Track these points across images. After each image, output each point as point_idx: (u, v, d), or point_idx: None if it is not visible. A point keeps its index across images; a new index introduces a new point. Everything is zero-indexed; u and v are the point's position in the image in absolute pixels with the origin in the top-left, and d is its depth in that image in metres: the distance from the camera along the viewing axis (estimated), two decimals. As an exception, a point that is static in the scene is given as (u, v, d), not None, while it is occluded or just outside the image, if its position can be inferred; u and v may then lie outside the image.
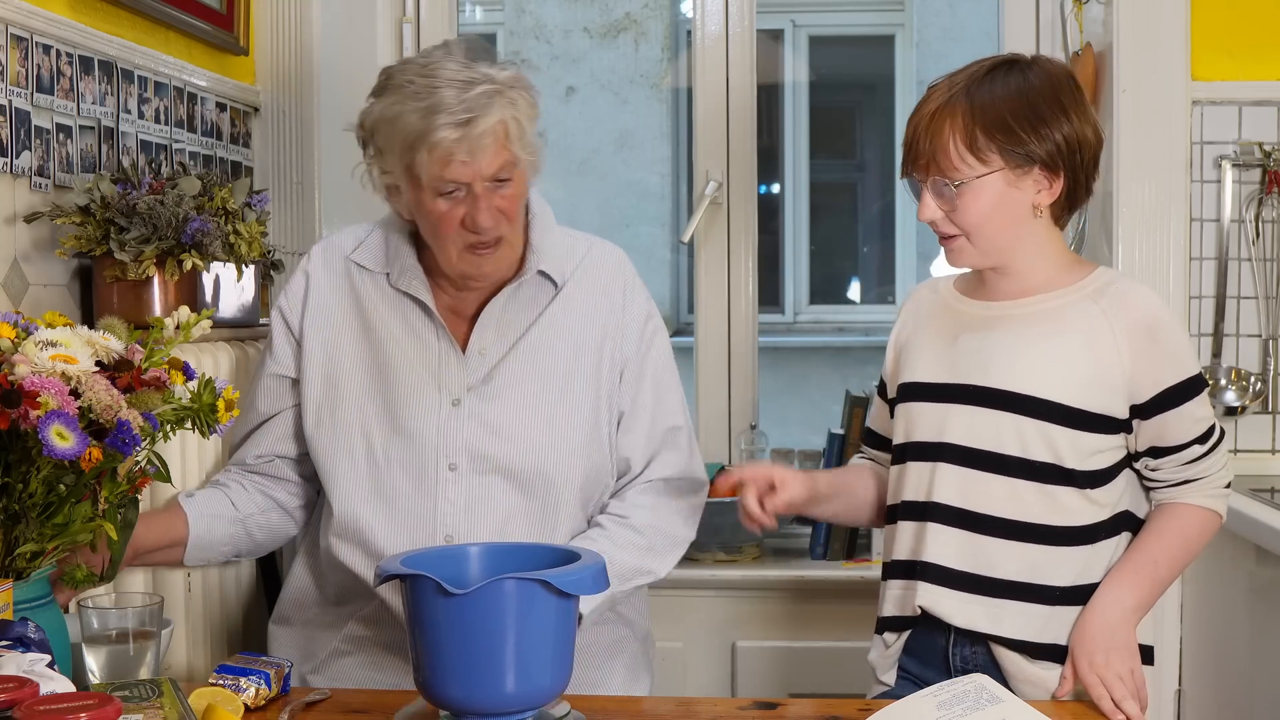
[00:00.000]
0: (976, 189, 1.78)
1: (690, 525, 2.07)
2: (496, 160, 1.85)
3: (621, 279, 2.08)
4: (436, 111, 1.81)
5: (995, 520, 1.81)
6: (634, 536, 1.99)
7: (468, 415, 1.97)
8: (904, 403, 1.91)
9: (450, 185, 1.85)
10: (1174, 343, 1.82)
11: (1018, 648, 1.81)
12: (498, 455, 1.96)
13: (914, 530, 1.87)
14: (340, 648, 2.02)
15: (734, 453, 3.17)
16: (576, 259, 2.06)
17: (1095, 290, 1.83)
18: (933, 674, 1.85)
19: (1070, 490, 1.80)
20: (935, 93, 1.82)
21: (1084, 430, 1.79)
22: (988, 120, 1.77)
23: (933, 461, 1.84)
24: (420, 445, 1.96)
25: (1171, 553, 1.82)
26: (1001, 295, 1.87)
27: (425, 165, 1.83)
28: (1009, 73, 1.81)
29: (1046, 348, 1.81)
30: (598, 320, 2.03)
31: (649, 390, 2.05)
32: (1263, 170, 2.76)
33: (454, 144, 1.81)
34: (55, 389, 1.48)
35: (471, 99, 1.81)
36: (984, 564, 1.81)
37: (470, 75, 1.83)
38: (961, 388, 1.84)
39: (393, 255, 2.02)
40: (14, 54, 2.05)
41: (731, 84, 3.15)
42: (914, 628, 1.88)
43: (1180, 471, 1.83)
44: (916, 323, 1.96)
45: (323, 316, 2.03)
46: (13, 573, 1.53)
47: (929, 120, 1.79)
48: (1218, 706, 2.61)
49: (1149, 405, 1.80)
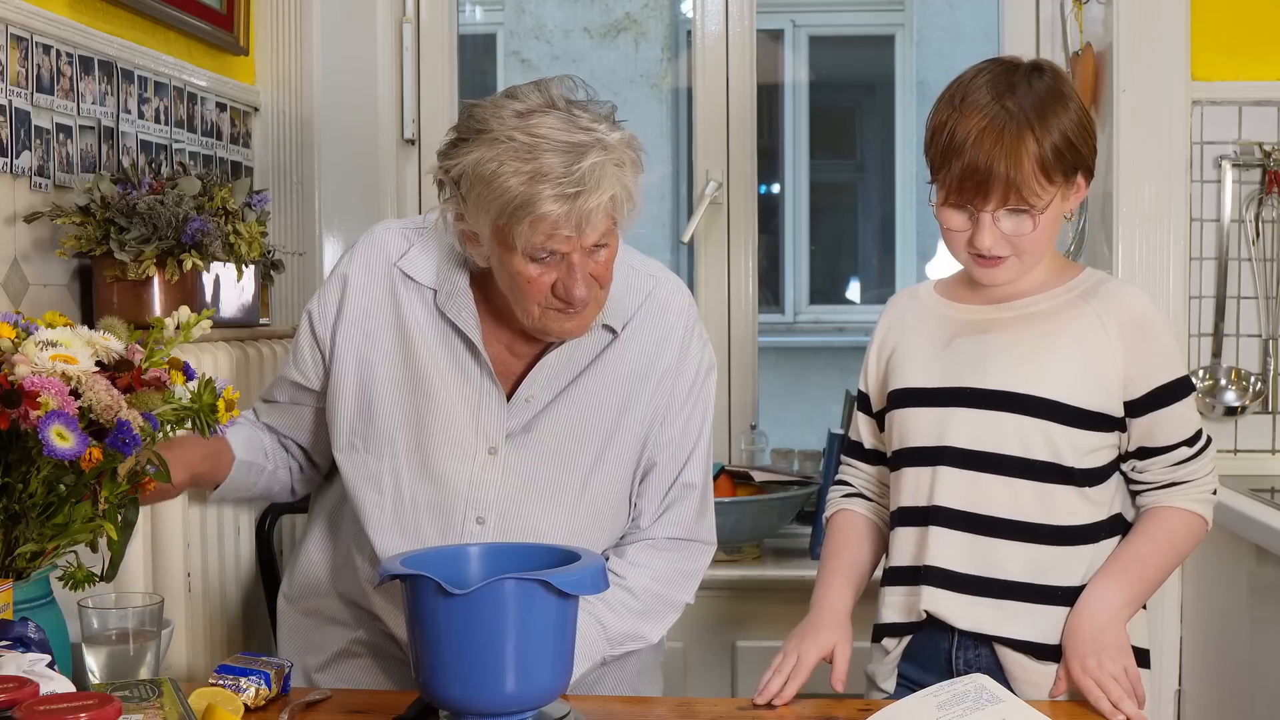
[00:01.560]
0: (1051, 211, 1.78)
1: (689, 590, 1.99)
2: (601, 230, 1.73)
3: (683, 327, 1.95)
4: (542, 180, 1.66)
5: (999, 521, 1.81)
6: (629, 600, 1.91)
7: (503, 467, 1.87)
8: (897, 409, 1.89)
9: (546, 253, 1.72)
10: (1164, 342, 1.83)
11: (1023, 648, 1.80)
12: (528, 516, 1.88)
13: (916, 535, 1.86)
14: (351, 649, 2.01)
15: (734, 453, 3.17)
16: (638, 301, 1.93)
17: (1086, 291, 1.84)
18: (933, 679, 1.83)
19: (1068, 489, 1.80)
20: (986, 117, 1.74)
21: (1082, 428, 1.80)
22: (1055, 143, 1.74)
23: (932, 465, 1.84)
24: (450, 493, 1.87)
25: (1159, 553, 1.82)
26: (994, 299, 1.87)
27: (524, 234, 1.69)
28: (1037, 79, 1.78)
29: (1043, 348, 1.81)
30: (654, 372, 1.93)
31: (679, 445, 1.96)
32: (1263, 170, 2.76)
33: (560, 218, 1.67)
34: (55, 389, 1.48)
35: (585, 170, 1.66)
36: (988, 565, 1.81)
37: (577, 138, 1.68)
38: (959, 391, 1.83)
39: (444, 274, 1.88)
40: (14, 54, 2.05)
41: (731, 84, 3.16)
42: (915, 633, 1.87)
43: (1168, 473, 1.83)
44: (902, 331, 1.94)
45: (359, 327, 1.89)
46: (13, 573, 1.53)
47: (999, 150, 1.73)
48: (1218, 706, 2.61)
49: (1141, 402, 1.81)
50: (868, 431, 1.99)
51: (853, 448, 2.02)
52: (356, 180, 3.08)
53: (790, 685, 1.79)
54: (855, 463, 2.02)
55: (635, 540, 1.98)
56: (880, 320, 1.99)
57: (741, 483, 2.98)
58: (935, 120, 1.80)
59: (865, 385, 1.98)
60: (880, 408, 1.95)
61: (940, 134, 1.77)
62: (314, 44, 2.89)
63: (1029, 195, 1.74)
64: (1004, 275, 1.82)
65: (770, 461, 3.18)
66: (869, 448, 2.00)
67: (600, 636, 1.89)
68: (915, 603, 1.85)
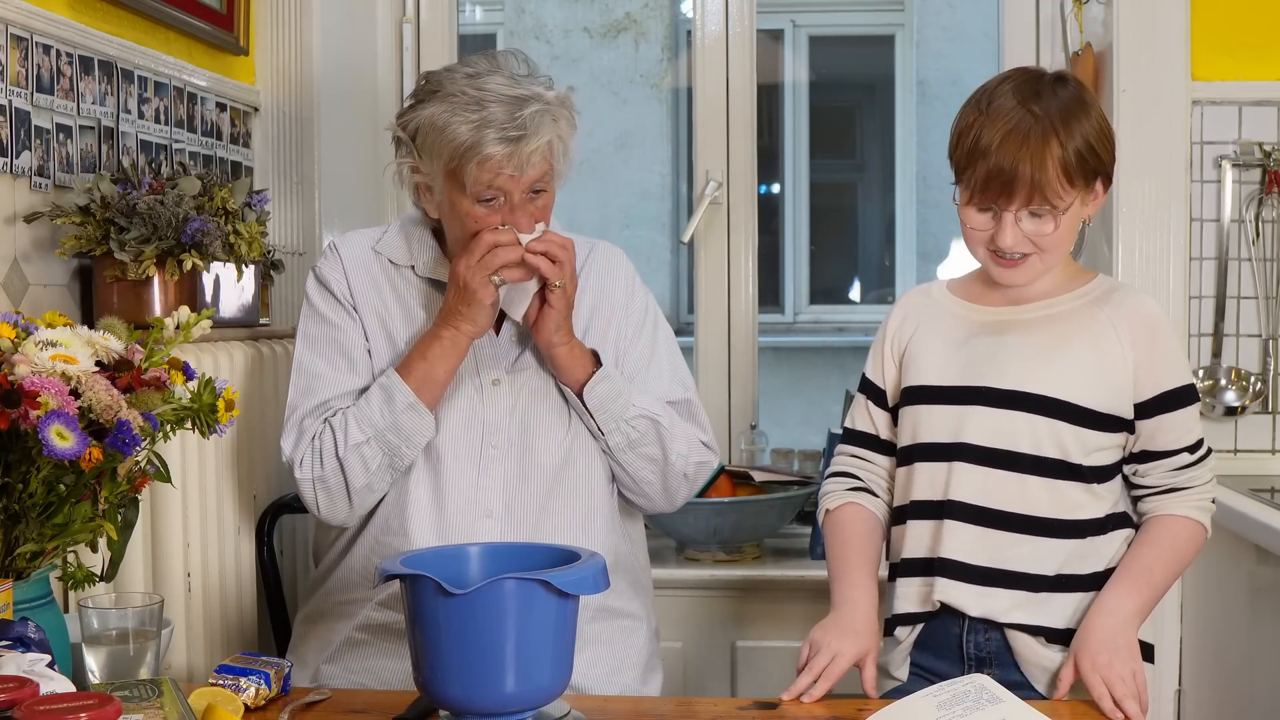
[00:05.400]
0: (1071, 214, 1.85)
1: (695, 448, 2.11)
2: (539, 172, 1.94)
3: (625, 276, 2.17)
4: (488, 126, 1.89)
5: (1011, 516, 1.86)
6: (656, 404, 2.08)
7: (509, 396, 2.04)
8: (911, 405, 1.94)
9: (492, 193, 1.93)
10: (1173, 348, 1.90)
11: (1033, 632, 1.86)
12: (531, 438, 2.03)
13: (930, 528, 1.90)
14: (355, 636, 2.03)
15: (734, 453, 3.17)
16: (584, 253, 2.14)
17: (1099, 296, 1.91)
18: (945, 665, 1.90)
19: (1076, 485, 1.86)
20: (1013, 121, 1.81)
21: (1091, 428, 1.85)
22: (1078, 147, 1.81)
23: (948, 461, 1.88)
24: (467, 424, 2.03)
25: (1165, 559, 1.87)
26: (1009, 300, 1.93)
27: (472, 174, 1.91)
28: (1061, 88, 1.85)
29: (1057, 350, 1.87)
30: (605, 305, 2.12)
31: (646, 372, 2.12)
32: (1263, 170, 2.76)
33: (504, 158, 1.90)
34: (55, 389, 1.48)
35: (526, 117, 1.90)
36: (1000, 557, 1.86)
37: (520, 92, 1.92)
38: (977, 390, 1.88)
39: (417, 249, 2.09)
40: (14, 54, 2.05)
41: (731, 84, 3.16)
42: (927, 621, 1.91)
43: (1168, 478, 1.88)
44: (917, 328, 1.98)
45: (367, 292, 2.08)
46: (13, 573, 1.53)
47: (1025, 152, 1.80)
48: (1218, 706, 2.61)
49: (1149, 405, 1.87)
50: (883, 424, 2.01)
51: (864, 439, 2.03)
52: (356, 180, 3.08)
53: (821, 684, 1.81)
54: (867, 454, 2.03)
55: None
56: (892, 315, 2.02)
57: (741, 483, 2.99)
58: (962, 124, 1.87)
59: (879, 379, 2.01)
60: (895, 403, 1.98)
61: (966, 137, 1.84)
62: (314, 44, 2.89)
63: (1051, 196, 1.81)
64: (1023, 276, 1.88)
65: (770, 461, 3.18)
66: (884, 439, 2.02)
67: (628, 386, 2.04)
68: (929, 593, 1.89)
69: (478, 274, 1.91)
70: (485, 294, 1.92)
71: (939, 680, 1.77)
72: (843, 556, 1.96)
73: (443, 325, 1.96)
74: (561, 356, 2.00)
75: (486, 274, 1.91)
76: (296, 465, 2.00)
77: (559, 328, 1.97)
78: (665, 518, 2.82)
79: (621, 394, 2.02)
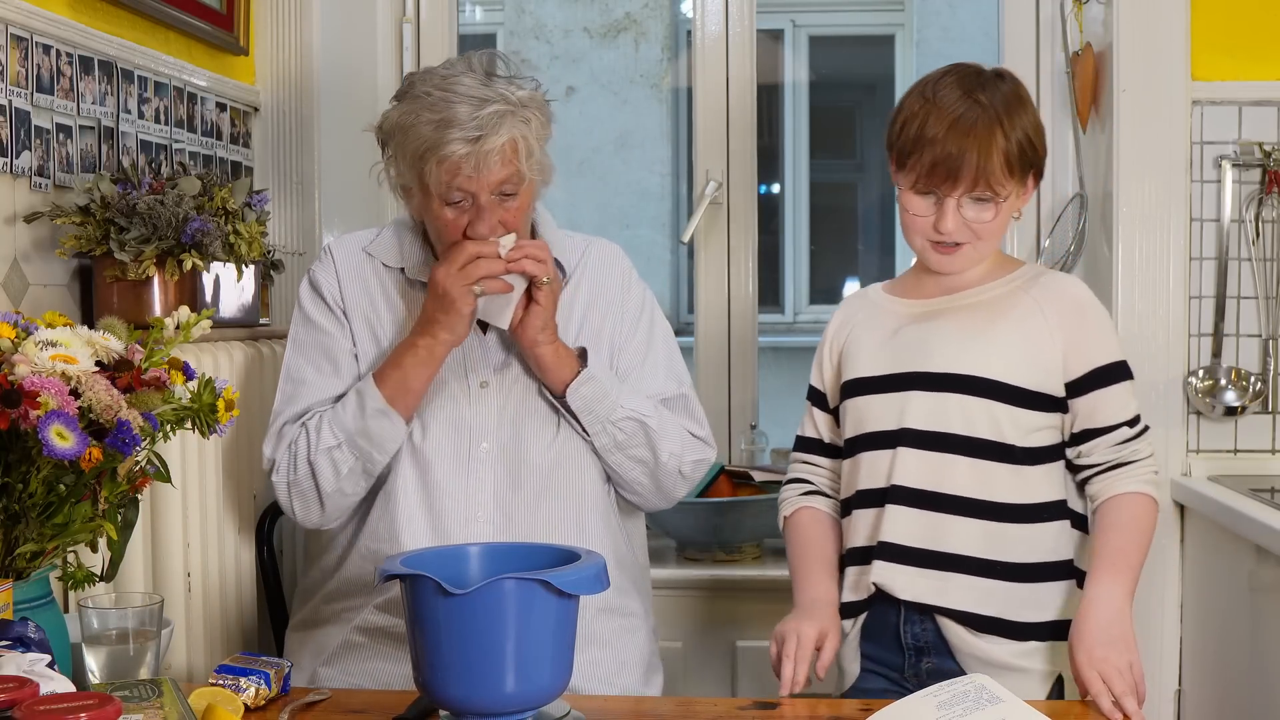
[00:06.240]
0: (1009, 204, 1.91)
1: (689, 446, 2.10)
2: (502, 173, 1.91)
3: (620, 272, 2.17)
4: (449, 126, 1.88)
5: (947, 497, 1.90)
6: (646, 404, 2.07)
7: (497, 398, 2.03)
8: (851, 399, 1.99)
9: (457, 195, 1.93)
10: (1101, 326, 1.96)
11: (961, 619, 1.88)
12: (523, 439, 2.02)
13: (873, 515, 1.94)
14: (352, 639, 2.03)
15: (734, 453, 3.17)
16: (579, 251, 2.15)
17: (1026, 282, 1.97)
18: (888, 655, 1.94)
19: (1006, 467, 1.89)
20: (959, 110, 1.88)
21: (1024, 407, 1.90)
22: (1020, 139, 1.89)
23: (891, 448, 1.92)
24: (454, 427, 2.02)
25: (1135, 540, 1.90)
26: (940, 292, 1.99)
27: (434, 174, 1.91)
28: (1001, 83, 1.94)
29: (984, 332, 1.92)
30: (600, 301, 2.12)
31: (642, 367, 2.12)
32: (1263, 170, 2.76)
33: (462, 158, 1.88)
34: (55, 389, 1.48)
35: (484, 117, 1.88)
36: (937, 539, 1.90)
37: (485, 93, 1.90)
38: (911, 375, 1.92)
39: (407, 251, 2.09)
40: (14, 54, 2.05)
41: (731, 84, 3.16)
42: (869, 610, 1.94)
43: (1112, 453, 1.92)
44: (852, 328, 2.04)
45: (358, 296, 2.08)
46: (13, 573, 1.53)
47: (971, 140, 1.87)
48: (1218, 706, 2.61)
49: (1081, 382, 1.92)
50: (825, 427, 2.08)
51: (809, 444, 2.10)
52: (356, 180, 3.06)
53: (801, 668, 1.87)
54: (813, 458, 2.09)
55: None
56: (832, 320, 2.10)
57: (741, 483, 2.99)
58: (906, 113, 1.94)
59: (819, 383, 2.08)
60: (836, 403, 2.04)
61: (911, 125, 1.92)
62: (314, 44, 2.89)
63: (994, 184, 1.88)
64: (958, 264, 1.95)
65: (770, 461, 3.18)
66: (827, 442, 2.08)
67: (616, 387, 2.03)
68: (867, 578, 1.93)
69: (458, 283, 1.90)
70: (465, 303, 1.91)
71: (888, 671, 1.89)
72: (799, 559, 2.04)
73: (420, 334, 1.95)
74: (545, 356, 1.98)
75: (467, 284, 1.90)
76: (274, 470, 2.02)
77: (545, 326, 1.96)
78: (665, 518, 2.82)
79: (608, 395, 2.01)
